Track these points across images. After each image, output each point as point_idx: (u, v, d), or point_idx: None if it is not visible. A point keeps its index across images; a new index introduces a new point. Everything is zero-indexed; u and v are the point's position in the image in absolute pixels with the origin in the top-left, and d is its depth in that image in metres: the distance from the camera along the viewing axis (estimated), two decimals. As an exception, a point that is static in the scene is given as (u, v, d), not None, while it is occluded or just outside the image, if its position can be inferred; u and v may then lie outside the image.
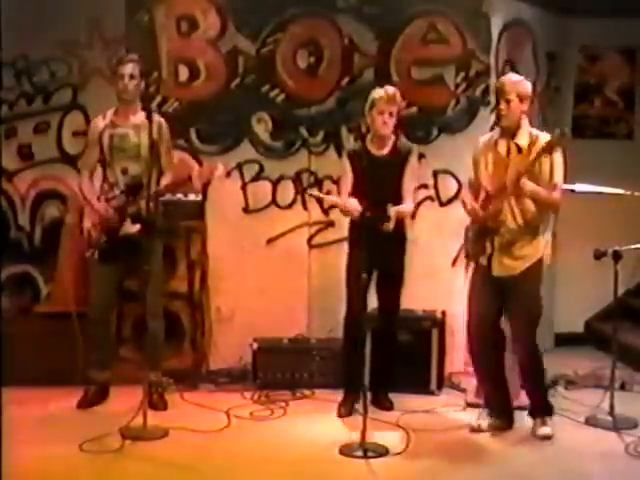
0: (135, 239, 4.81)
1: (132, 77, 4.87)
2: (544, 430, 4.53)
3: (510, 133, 4.41)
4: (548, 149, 4.22)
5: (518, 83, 4.42)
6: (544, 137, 4.34)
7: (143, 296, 4.87)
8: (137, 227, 4.82)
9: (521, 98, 4.37)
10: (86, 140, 5.09)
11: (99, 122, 4.98)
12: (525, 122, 4.44)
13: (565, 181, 4.56)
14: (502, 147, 4.43)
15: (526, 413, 4.66)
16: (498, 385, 4.63)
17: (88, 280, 5.09)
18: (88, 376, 5.05)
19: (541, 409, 4.61)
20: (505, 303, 4.50)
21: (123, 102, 4.95)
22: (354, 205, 4.81)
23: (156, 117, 4.92)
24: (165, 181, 4.94)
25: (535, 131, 4.45)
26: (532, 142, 4.34)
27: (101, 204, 4.91)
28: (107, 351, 5.12)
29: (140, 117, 4.87)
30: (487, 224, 4.41)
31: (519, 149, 4.37)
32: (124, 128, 4.92)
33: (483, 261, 4.48)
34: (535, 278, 4.49)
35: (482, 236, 4.45)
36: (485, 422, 4.65)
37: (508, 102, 4.36)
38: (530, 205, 4.37)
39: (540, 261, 4.48)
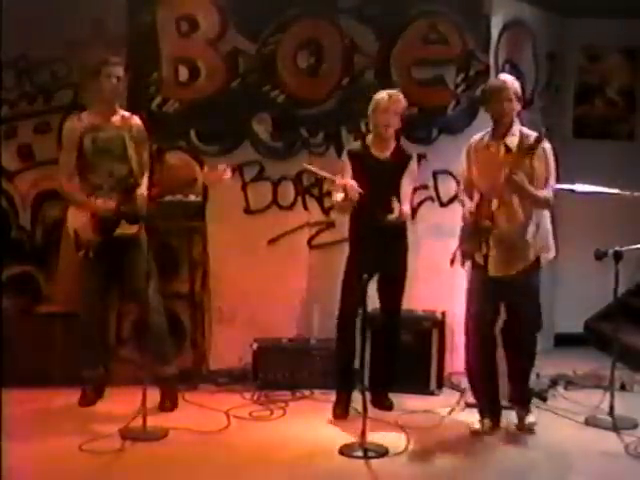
0: (127, 238, 4.83)
1: (119, 79, 4.88)
2: (531, 418, 4.66)
3: (503, 133, 4.45)
4: (531, 148, 4.24)
5: (514, 82, 4.48)
6: (533, 136, 4.37)
7: (140, 294, 4.88)
8: (135, 228, 4.82)
9: (517, 97, 4.44)
10: (63, 143, 5.01)
11: (76, 124, 4.94)
12: (516, 121, 4.48)
13: (565, 181, 4.55)
14: (493, 148, 4.46)
15: (513, 410, 4.72)
16: (492, 384, 4.66)
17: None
18: (82, 375, 5.05)
19: (527, 399, 4.72)
20: (503, 302, 4.54)
21: (102, 103, 4.93)
22: (354, 185, 4.78)
23: (134, 118, 4.96)
24: (144, 181, 4.95)
25: (526, 130, 4.47)
26: (521, 141, 4.37)
27: (99, 200, 4.85)
28: (99, 350, 5.12)
29: (118, 118, 4.90)
30: (480, 224, 4.42)
31: (508, 149, 4.40)
32: (107, 130, 4.91)
33: (479, 260, 4.50)
34: (533, 277, 4.53)
35: (475, 234, 4.47)
36: (482, 424, 4.65)
37: (510, 101, 4.40)
38: (518, 206, 4.38)
39: (537, 261, 4.50)
